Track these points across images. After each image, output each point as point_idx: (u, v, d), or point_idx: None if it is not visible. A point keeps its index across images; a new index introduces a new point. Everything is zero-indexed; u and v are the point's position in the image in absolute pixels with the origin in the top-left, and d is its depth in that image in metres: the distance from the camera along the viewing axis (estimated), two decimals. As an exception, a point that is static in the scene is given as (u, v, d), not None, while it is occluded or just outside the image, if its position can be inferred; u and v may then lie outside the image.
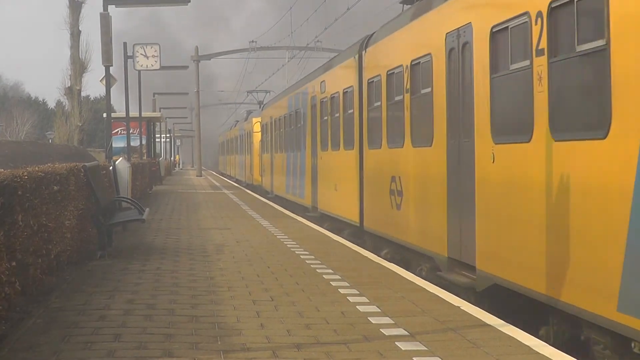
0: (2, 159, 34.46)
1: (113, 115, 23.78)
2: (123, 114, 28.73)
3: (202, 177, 58.98)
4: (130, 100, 26.45)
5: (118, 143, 33.14)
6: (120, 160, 19.13)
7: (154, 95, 53.83)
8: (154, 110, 50.94)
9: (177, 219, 20.97)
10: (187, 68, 44.65)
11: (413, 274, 11.71)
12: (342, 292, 9.99)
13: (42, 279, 9.87)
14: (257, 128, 43.34)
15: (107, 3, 18.46)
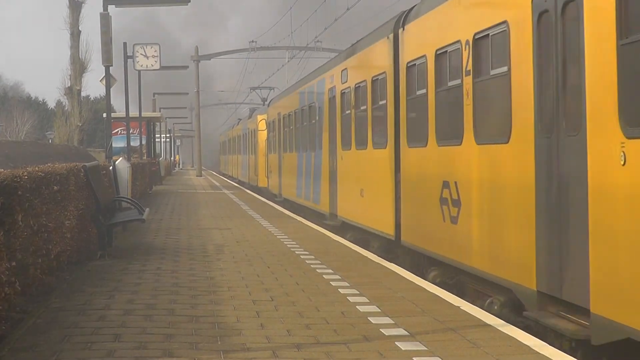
0: (2, 159, 34.48)
1: (113, 115, 23.79)
2: (123, 114, 28.76)
3: (202, 177, 59.00)
4: (130, 100, 26.49)
5: (118, 143, 33.17)
6: (120, 160, 19.14)
7: (154, 95, 53.85)
8: (154, 110, 50.96)
9: (177, 219, 20.98)
10: (187, 68, 44.66)
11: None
12: (342, 292, 9.99)
13: (42, 279, 9.87)
14: (262, 126, 41.03)
15: (107, 3, 18.50)
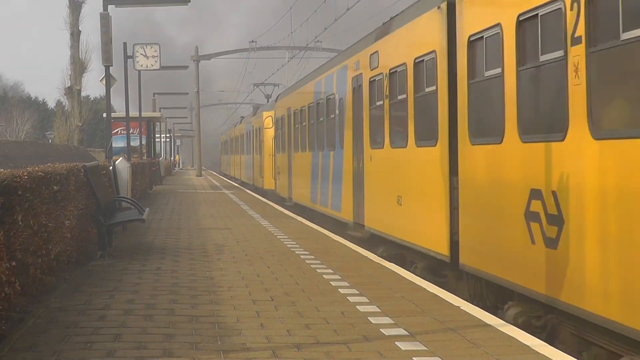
0: (2, 159, 34.51)
1: (113, 115, 23.79)
2: (123, 114, 28.77)
3: (202, 177, 58.99)
4: (130, 100, 26.50)
5: (118, 143, 33.19)
6: (120, 160, 19.14)
7: (154, 95, 53.86)
8: (154, 110, 50.96)
9: (177, 219, 20.97)
10: (187, 68, 44.66)
11: (413, 274, 11.38)
12: (342, 292, 9.99)
13: (42, 279, 9.87)
14: (268, 123, 38.10)
15: (107, 3, 18.51)
